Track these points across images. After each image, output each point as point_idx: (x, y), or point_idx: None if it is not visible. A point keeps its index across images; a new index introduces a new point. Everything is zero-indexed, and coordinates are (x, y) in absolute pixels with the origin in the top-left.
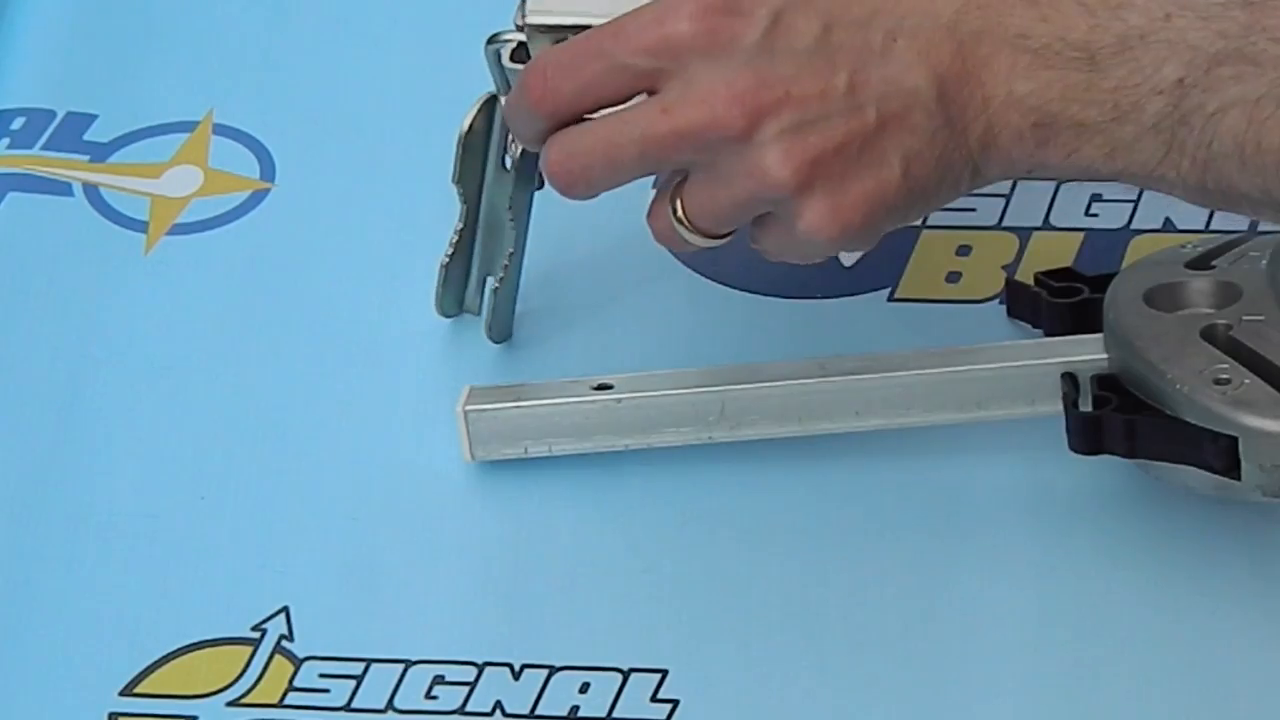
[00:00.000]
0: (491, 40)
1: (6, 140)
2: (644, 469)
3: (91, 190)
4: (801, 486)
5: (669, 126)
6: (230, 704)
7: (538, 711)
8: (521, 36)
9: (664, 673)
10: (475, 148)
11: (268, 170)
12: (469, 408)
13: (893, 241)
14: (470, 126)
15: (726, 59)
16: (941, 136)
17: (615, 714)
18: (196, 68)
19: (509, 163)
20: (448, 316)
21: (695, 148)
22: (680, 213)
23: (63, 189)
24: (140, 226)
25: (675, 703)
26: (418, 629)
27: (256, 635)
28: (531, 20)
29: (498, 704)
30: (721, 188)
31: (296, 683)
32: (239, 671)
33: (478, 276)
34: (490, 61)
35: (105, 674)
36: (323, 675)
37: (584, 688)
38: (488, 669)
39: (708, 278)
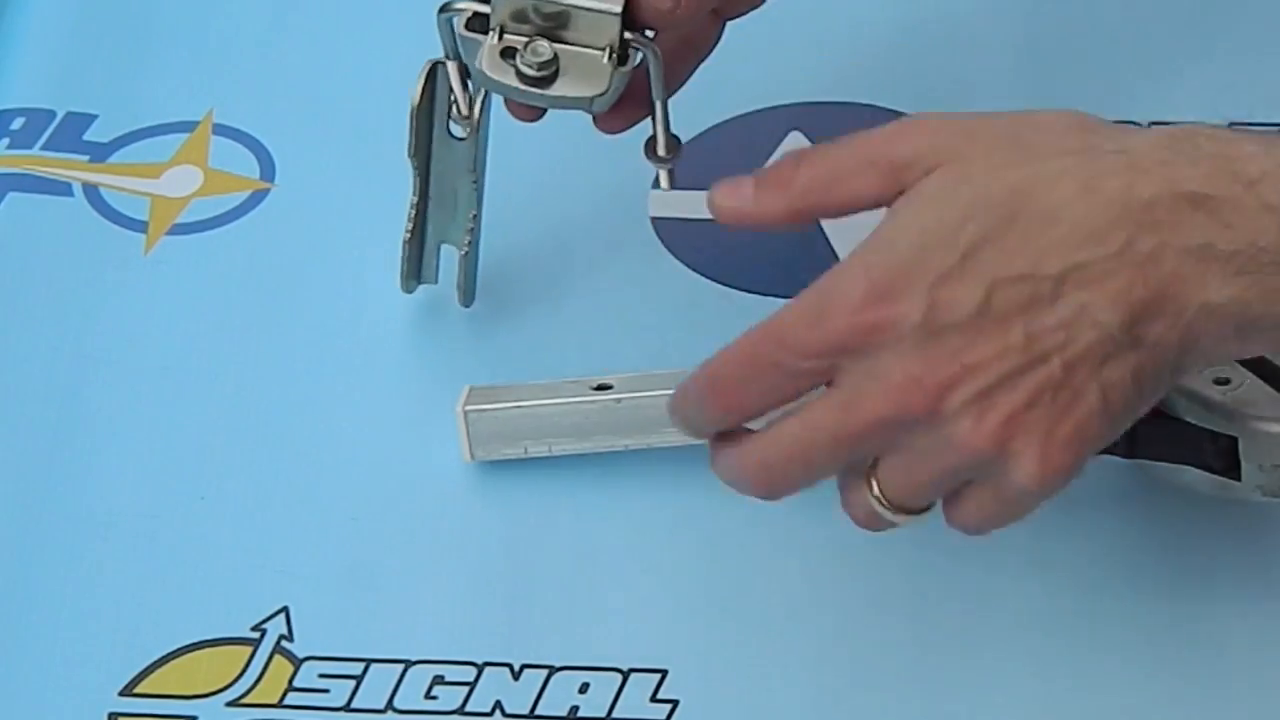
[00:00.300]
0: (444, 9)
1: (6, 140)
2: (644, 469)
3: (91, 190)
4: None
5: (856, 424)
6: (230, 704)
7: (537, 711)
8: (477, 6)
9: (664, 673)
10: (424, 119)
11: (268, 170)
12: (469, 408)
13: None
14: (420, 98)
15: (894, 346)
16: (1134, 358)
17: (615, 714)
18: (196, 68)
19: (456, 129)
20: (409, 292)
21: (888, 436)
22: (879, 494)
23: (63, 189)
24: (140, 226)
25: (675, 703)
26: (417, 629)
27: (256, 635)
28: None
29: (497, 704)
30: (919, 465)
31: (296, 683)
32: (239, 672)
33: (432, 246)
34: (443, 30)
35: (105, 674)
36: (322, 675)
37: (584, 688)
38: (487, 669)
39: (708, 278)
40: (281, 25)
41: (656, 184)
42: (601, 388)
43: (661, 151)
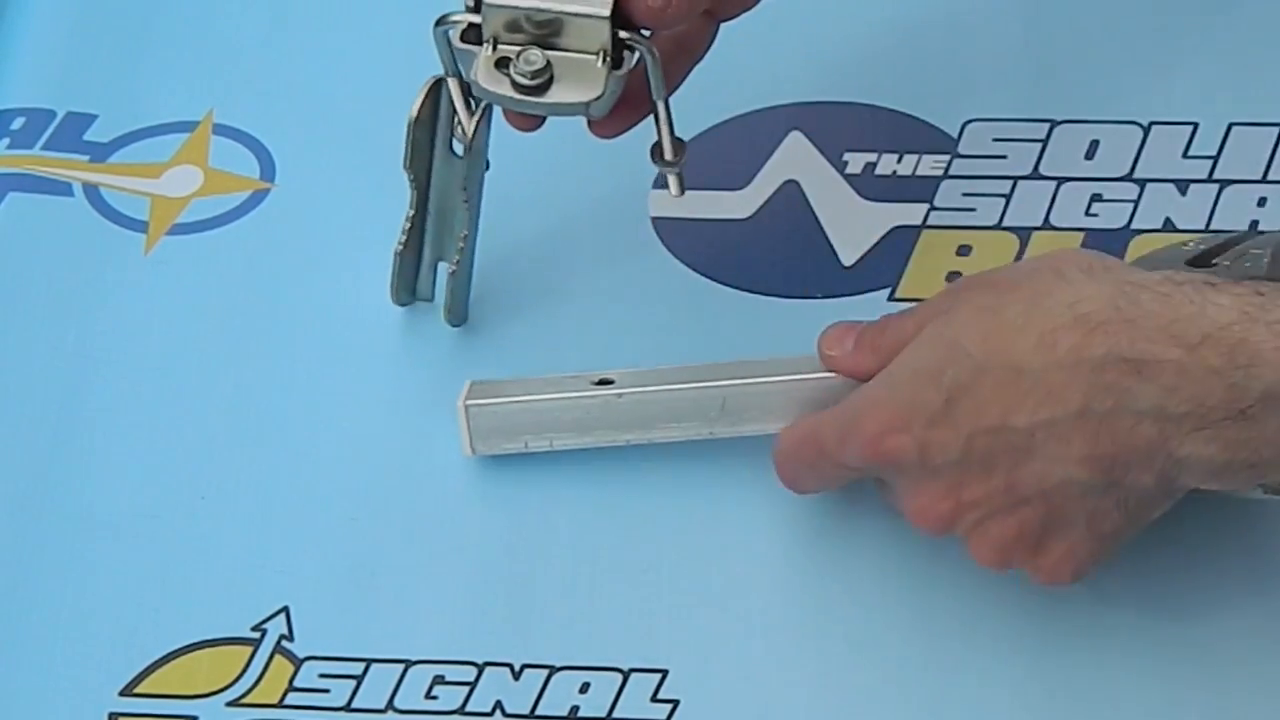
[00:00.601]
0: (440, 22)
1: (7, 140)
2: (644, 467)
3: (91, 190)
4: None
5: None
6: (230, 704)
7: (538, 711)
8: (471, 17)
9: (664, 673)
10: (424, 133)
11: (268, 170)
12: (469, 402)
13: (893, 241)
14: (419, 112)
15: (905, 473)
16: (1116, 493)
17: (615, 714)
18: (196, 68)
19: (458, 147)
20: (402, 305)
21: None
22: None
23: (63, 189)
24: (140, 226)
25: (675, 703)
26: (418, 629)
27: (256, 635)
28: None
29: (498, 704)
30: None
31: (296, 683)
32: (239, 671)
33: (429, 261)
34: (439, 43)
35: (105, 674)
36: (323, 675)
37: (584, 688)
38: (488, 669)
39: (708, 277)
40: (282, 25)
41: (658, 184)
42: (603, 383)
43: (668, 155)
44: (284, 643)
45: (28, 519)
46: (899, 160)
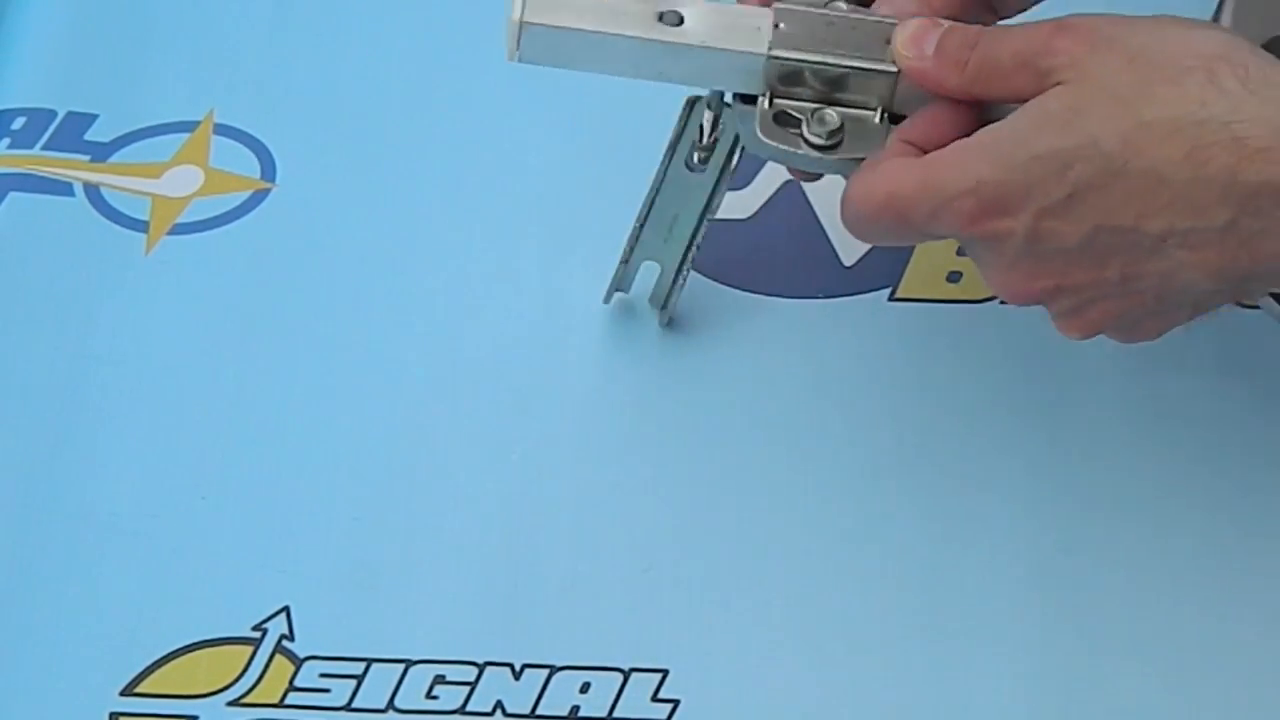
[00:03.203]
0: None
1: (7, 140)
2: (643, 467)
3: (92, 190)
4: (802, 489)
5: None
6: (231, 704)
7: (538, 711)
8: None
9: (665, 672)
10: (679, 149)
11: (268, 170)
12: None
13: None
14: (683, 130)
15: (999, 254)
16: (1227, 294)
17: (616, 714)
18: (197, 67)
19: (697, 159)
20: (607, 302)
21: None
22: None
23: (63, 189)
24: (141, 226)
25: (676, 703)
26: (418, 629)
27: (257, 635)
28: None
29: (498, 704)
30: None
31: (297, 682)
32: (240, 671)
33: (636, 262)
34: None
35: (106, 673)
36: (323, 675)
37: (585, 687)
38: (488, 669)
39: (708, 277)
40: (282, 25)
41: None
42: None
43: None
44: (285, 642)
45: (29, 518)
46: None
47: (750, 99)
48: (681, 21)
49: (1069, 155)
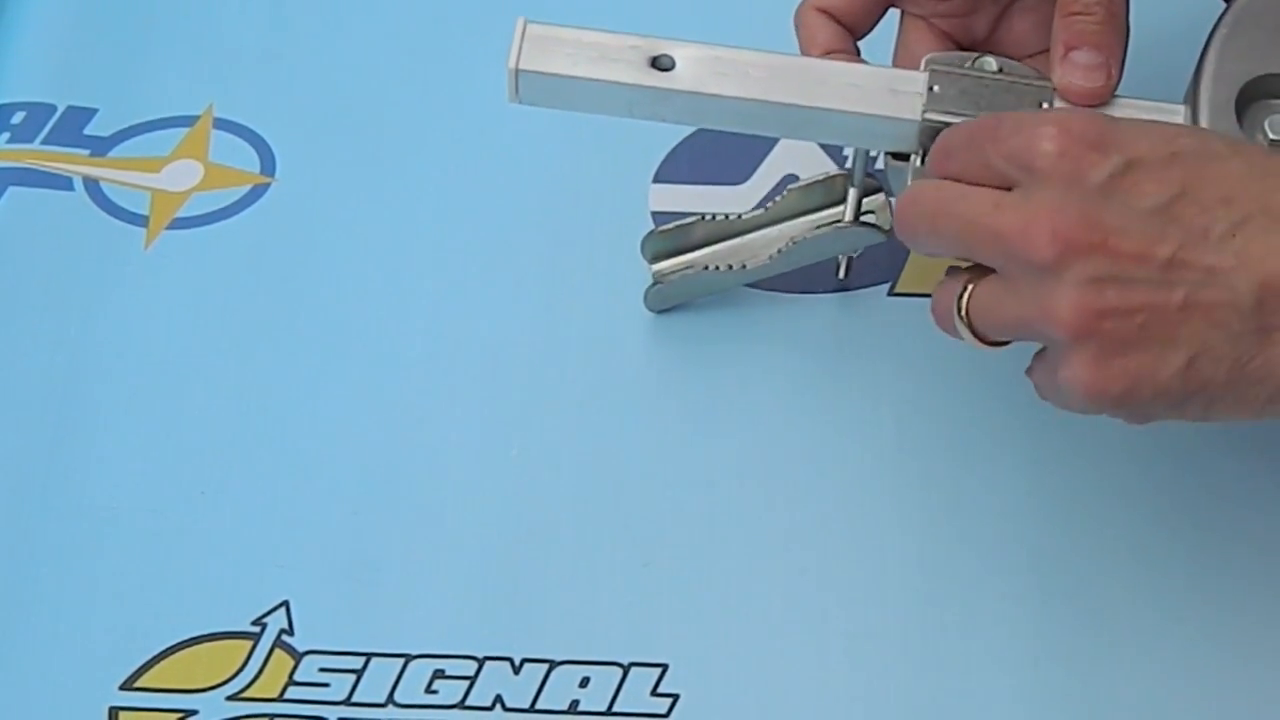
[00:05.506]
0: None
1: (7, 135)
2: (642, 465)
3: (92, 184)
4: (801, 484)
5: (989, 222)
6: (230, 698)
7: (538, 706)
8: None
9: (664, 667)
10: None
11: (268, 164)
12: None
13: (893, 237)
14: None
15: (1067, 189)
16: (1246, 343)
17: (616, 708)
18: (197, 62)
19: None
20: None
21: (1003, 254)
22: (964, 302)
23: (63, 183)
24: (141, 221)
25: (676, 697)
26: (418, 623)
27: (257, 629)
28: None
29: (498, 698)
30: (1009, 299)
31: (297, 677)
32: (239, 665)
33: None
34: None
35: (105, 667)
36: (323, 669)
37: (584, 682)
38: (488, 663)
39: None
40: (282, 19)
41: (659, 178)
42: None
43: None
44: (284, 636)
45: (28, 513)
46: None
47: (903, 156)
48: (673, 66)
49: (1177, 131)
